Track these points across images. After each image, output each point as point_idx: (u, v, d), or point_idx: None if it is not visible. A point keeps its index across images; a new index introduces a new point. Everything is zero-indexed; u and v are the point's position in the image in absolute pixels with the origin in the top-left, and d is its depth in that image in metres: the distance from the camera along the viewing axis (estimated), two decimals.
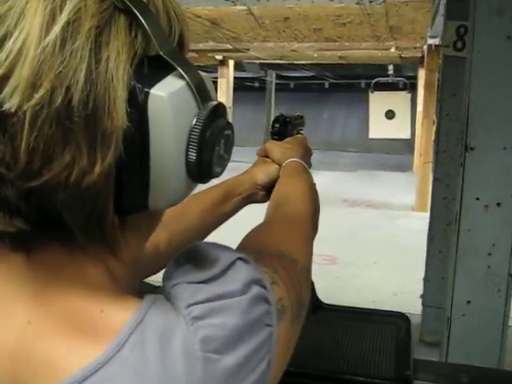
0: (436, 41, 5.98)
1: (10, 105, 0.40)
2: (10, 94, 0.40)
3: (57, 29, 0.41)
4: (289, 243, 0.67)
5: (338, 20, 4.76)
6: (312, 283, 1.34)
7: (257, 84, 14.10)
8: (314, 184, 0.93)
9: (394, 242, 5.68)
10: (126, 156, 0.43)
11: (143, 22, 0.44)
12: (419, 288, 3.43)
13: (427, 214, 3.50)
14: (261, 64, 10.35)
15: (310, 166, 1.02)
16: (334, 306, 1.43)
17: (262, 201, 1.04)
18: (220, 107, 0.49)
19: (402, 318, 1.35)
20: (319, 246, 0.77)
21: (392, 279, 4.43)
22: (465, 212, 1.75)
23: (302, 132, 1.14)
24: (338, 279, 4.31)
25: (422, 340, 3.19)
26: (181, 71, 0.46)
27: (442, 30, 3.82)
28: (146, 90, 0.44)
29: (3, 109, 0.40)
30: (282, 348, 0.51)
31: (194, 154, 0.46)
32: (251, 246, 0.58)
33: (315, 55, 7.54)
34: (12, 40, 0.40)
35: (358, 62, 9.08)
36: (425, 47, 6.67)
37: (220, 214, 0.98)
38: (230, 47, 6.72)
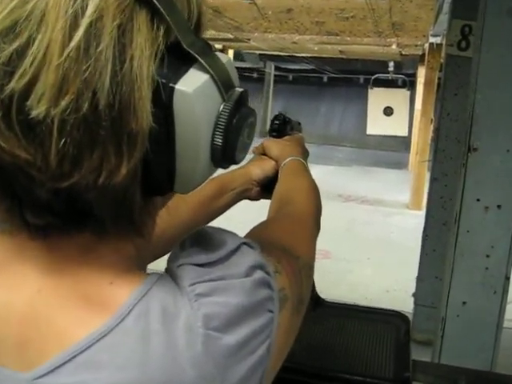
0: (438, 39, 5.96)
1: (38, 112, 0.39)
2: (36, 101, 0.40)
3: (79, 33, 0.40)
4: (292, 240, 0.67)
5: (342, 14, 4.73)
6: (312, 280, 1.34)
7: (255, 75, 14.04)
8: (315, 183, 0.92)
9: (388, 239, 5.70)
10: (153, 148, 0.44)
11: (164, 14, 0.43)
12: (412, 286, 3.44)
13: (421, 213, 3.51)
14: (260, 55, 10.31)
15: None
16: (334, 303, 1.43)
17: (256, 198, 1.04)
18: (243, 95, 0.49)
19: (401, 318, 1.35)
20: None
21: (385, 276, 4.45)
22: (465, 213, 1.74)
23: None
24: (331, 274, 4.31)
25: (412, 339, 3.20)
26: (204, 64, 0.45)
27: (445, 29, 3.80)
28: (170, 85, 0.44)
29: (31, 116, 0.39)
30: (281, 337, 0.52)
31: (220, 142, 0.47)
32: (255, 239, 0.58)
33: (316, 48, 7.51)
34: (35, 45, 0.39)
35: (358, 58, 9.05)
36: (426, 45, 6.65)
37: (213, 209, 0.97)
38: (231, 37, 6.67)
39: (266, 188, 1.00)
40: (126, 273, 0.48)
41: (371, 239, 5.65)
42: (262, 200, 1.04)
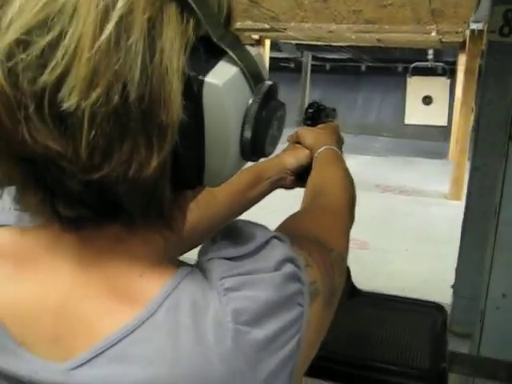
0: (479, 26, 5.82)
1: (69, 104, 0.40)
2: (68, 93, 0.40)
3: (110, 26, 0.40)
4: (325, 231, 0.66)
5: (380, 2, 4.66)
6: (348, 269, 1.34)
7: (292, 65, 13.98)
8: (350, 172, 0.92)
9: (427, 229, 5.62)
10: (182, 141, 0.44)
11: (194, 7, 0.43)
12: (450, 277, 3.40)
13: (461, 203, 3.45)
14: (297, 44, 10.25)
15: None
16: (370, 292, 1.42)
17: (291, 186, 1.04)
18: (273, 88, 0.49)
19: (438, 309, 1.33)
20: (351, 230, 0.76)
21: (423, 267, 4.40)
22: (505, 204, 1.71)
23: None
24: (369, 264, 4.29)
25: (450, 330, 3.16)
26: (234, 57, 0.45)
27: (486, 15, 3.71)
28: (200, 78, 0.44)
29: (63, 108, 0.40)
30: (312, 331, 0.51)
31: (249, 135, 0.47)
32: (287, 231, 0.58)
33: (353, 37, 7.43)
34: (67, 39, 0.39)
35: (397, 46, 8.92)
36: (467, 32, 6.50)
37: (248, 198, 0.98)
38: (267, 27, 6.66)
39: (300, 177, 1.01)
40: (155, 265, 0.48)
41: (409, 230, 5.58)
42: (296, 189, 1.04)
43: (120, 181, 0.43)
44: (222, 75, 0.45)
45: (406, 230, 5.56)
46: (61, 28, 0.40)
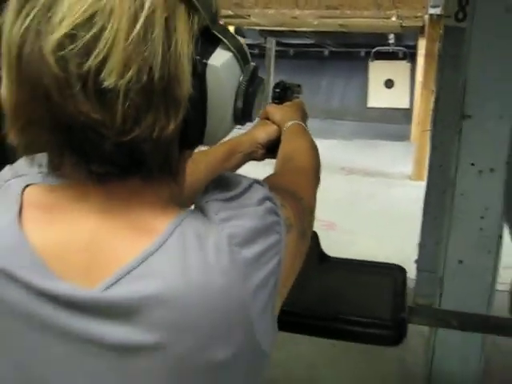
0: (437, 10, 5.97)
1: (109, 83, 0.52)
2: (108, 74, 0.51)
3: (139, 24, 0.52)
4: (295, 186, 0.79)
5: None
6: (316, 235, 1.44)
7: (257, 51, 13.96)
8: (315, 143, 1.02)
9: (391, 210, 5.76)
10: (191, 109, 0.57)
11: (198, 6, 0.57)
12: (415, 254, 3.54)
13: (424, 183, 3.59)
14: (261, 31, 10.28)
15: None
16: (338, 258, 1.55)
17: (261, 159, 1.17)
18: (256, 68, 0.64)
19: (398, 270, 1.46)
20: (319, 211, 0.86)
21: (389, 246, 4.53)
22: (460, 177, 1.83)
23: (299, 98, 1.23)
24: (337, 244, 4.38)
25: (415, 302, 3.31)
26: (228, 44, 0.60)
27: (443, 0, 3.84)
28: (204, 61, 0.58)
29: (104, 86, 0.51)
30: (289, 256, 0.64)
31: (241, 105, 0.62)
32: None
33: (316, 23, 7.51)
34: (107, 33, 0.51)
35: (359, 31, 9.04)
36: (426, 17, 6.65)
37: (224, 170, 1.08)
38: (231, 13, 6.69)
39: (270, 150, 1.12)
40: (165, 209, 0.61)
41: (375, 211, 5.72)
42: (267, 160, 1.15)
43: (146, 140, 0.55)
44: (219, 59, 0.59)
45: (372, 211, 5.69)
46: (102, 24, 0.51)
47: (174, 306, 0.55)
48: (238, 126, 0.68)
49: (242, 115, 0.64)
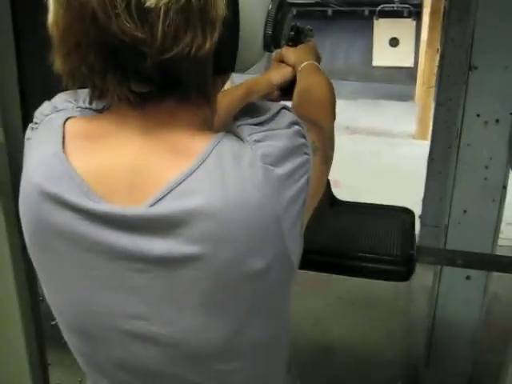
0: None
1: (150, 3, 0.56)
2: None
3: None
4: (315, 115, 0.83)
5: None
6: (328, 181, 1.49)
7: None
8: (329, 80, 1.07)
9: (395, 168, 5.81)
10: (224, 34, 0.61)
11: None
12: (418, 211, 3.59)
13: (427, 142, 3.62)
14: None
15: None
16: (348, 202, 1.61)
17: (278, 100, 1.21)
18: None
19: (407, 212, 1.53)
20: None
21: (392, 203, 4.58)
22: (465, 128, 1.87)
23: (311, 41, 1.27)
24: None
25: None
26: None
27: None
28: None
29: (146, 5, 0.56)
30: (315, 177, 0.68)
31: (270, 31, 0.67)
32: None
33: None
34: None
35: None
36: None
37: None
38: None
39: (285, 91, 1.16)
40: (201, 131, 0.65)
41: (379, 169, 5.77)
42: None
43: (184, 59, 0.59)
44: None
45: (376, 169, 5.74)
46: None
47: (215, 219, 0.60)
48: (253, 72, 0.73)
49: (272, 41, 0.68)
